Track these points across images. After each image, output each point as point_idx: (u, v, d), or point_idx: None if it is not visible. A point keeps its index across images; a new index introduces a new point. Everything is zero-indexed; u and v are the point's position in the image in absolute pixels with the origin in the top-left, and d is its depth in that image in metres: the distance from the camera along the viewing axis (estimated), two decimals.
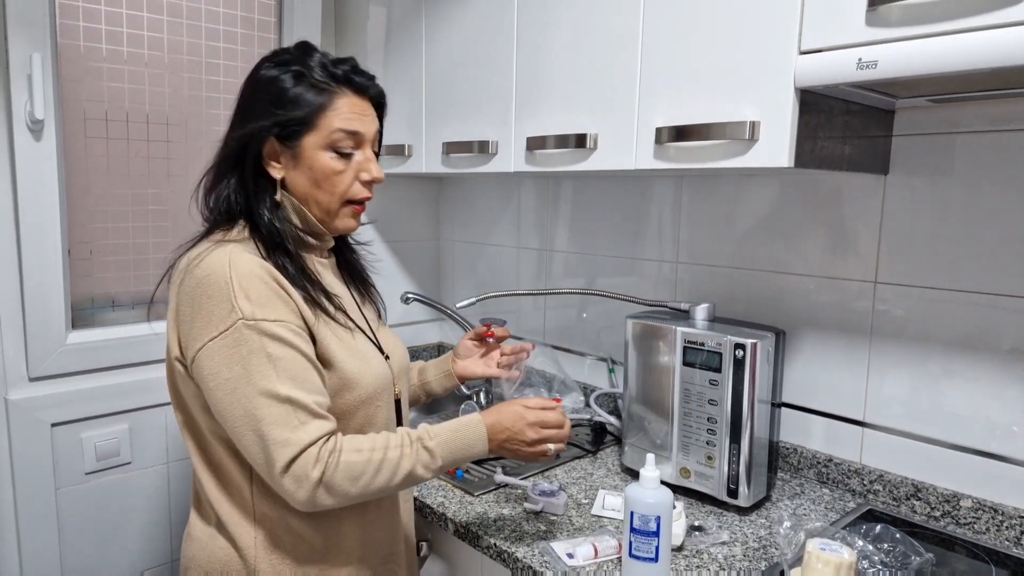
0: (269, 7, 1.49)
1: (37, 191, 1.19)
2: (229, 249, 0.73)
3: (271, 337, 0.71)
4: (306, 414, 0.71)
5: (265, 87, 0.77)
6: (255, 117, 0.77)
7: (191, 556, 0.82)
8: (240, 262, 0.72)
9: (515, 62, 1.19)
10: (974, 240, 0.95)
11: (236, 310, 0.70)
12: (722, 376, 0.98)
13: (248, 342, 0.70)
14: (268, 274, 0.73)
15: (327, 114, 0.77)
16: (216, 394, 0.71)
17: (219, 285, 0.71)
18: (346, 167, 0.80)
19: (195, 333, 0.72)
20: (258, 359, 0.70)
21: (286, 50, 0.80)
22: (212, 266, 0.72)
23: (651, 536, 0.79)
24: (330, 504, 0.72)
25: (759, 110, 0.85)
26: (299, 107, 0.76)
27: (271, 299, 0.72)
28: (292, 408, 0.70)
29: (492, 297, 1.37)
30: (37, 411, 1.23)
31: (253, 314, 0.70)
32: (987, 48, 0.66)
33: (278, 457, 0.69)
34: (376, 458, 0.73)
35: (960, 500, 0.97)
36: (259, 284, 0.72)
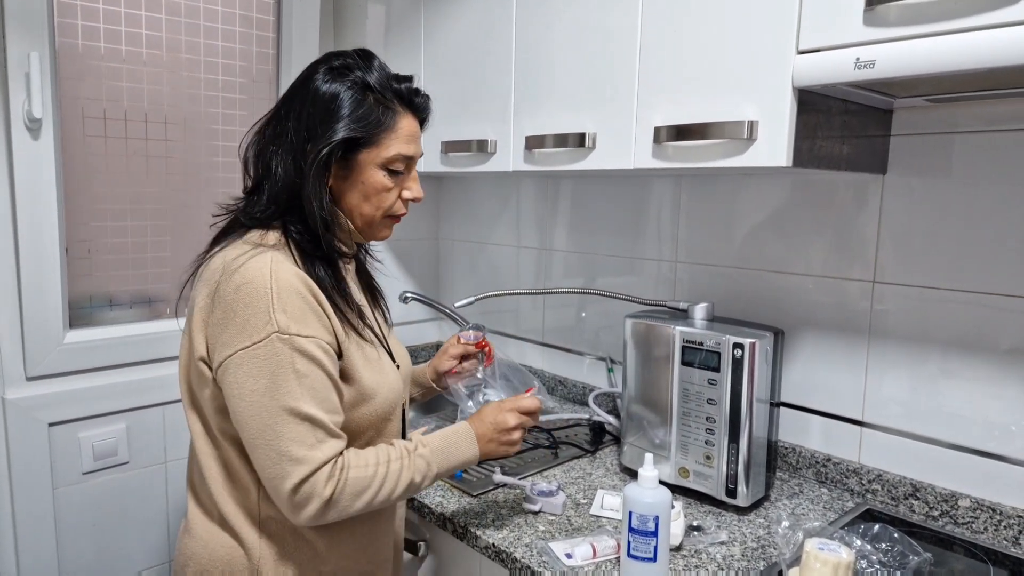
0: (268, 6, 1.49)
1: (35, 190, 1.19)
2: (270, 257, 0.73)
3: (301, 353, 0.71)
4: (324, 433, 0.72)
5: (331, 98, 0.76)
6: (324, 127, 0.75)
7: (190, 553, 0.82)
8: (281, 273, 0.72)
9: (514, 61, 1.19)
10: (972, 240, 0.95)
11: (272, 322, 0.70)
12: (721, 376, 0.98)
13: (278, 356, 0.70)
14: (307, 287, 0.73)
15: (389, 135, 0.78)
16: (240, 403, 0.71)
17: (258, 294, 0.71)
18: (395, 185, 0.81)
19: (226, 339, 0.72)
20: (286, 374, 0.70)
21: (348, 58, 0.79)
22: (253, 273, 0.72)
23: (649, 536, 0.79)
24: (331, 519, 0.74)
25: (757, 109, 0.85)
26: (367, 124, 0.77)
27: (306, 314, 0.72)
28: (311, 427, 0.71)
29: (491, 296, 1.37)
30: (34, 410, 1.23)
31: (288, 328, 0.71)
32: (984, 48, 0.66)
33: (292, 473, 0.70)
34: (380, 472, 0.75)
35: (958, 500, 0.97)
36: (297, 298, 0.72)
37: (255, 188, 0.81)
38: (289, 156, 0.77)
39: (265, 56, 1.50)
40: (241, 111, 1.48)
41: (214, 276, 0.75)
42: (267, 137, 0.80)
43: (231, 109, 1.46)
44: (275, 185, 0.78)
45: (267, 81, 1.51)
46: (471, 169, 1.30)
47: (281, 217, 0.78)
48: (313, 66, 0.80)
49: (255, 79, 1.49)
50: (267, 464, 0.71)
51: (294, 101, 0.79)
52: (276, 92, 1.52)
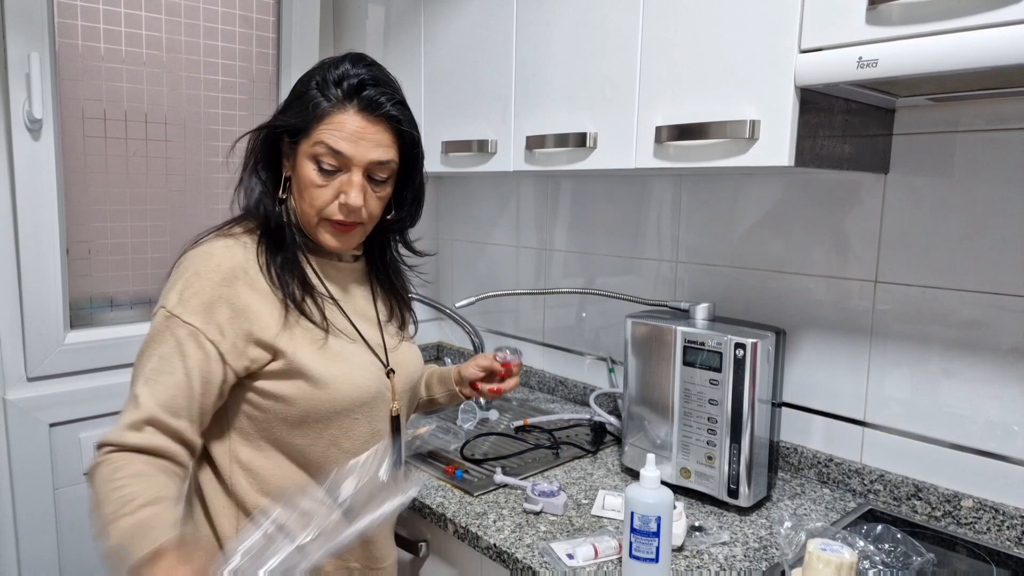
0: (268, 6, 1.48)
1: (35, 191, 1.19)
2: (220, 243, 0.77)
3: (173, 337, 0.73)
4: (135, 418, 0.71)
5: (295, 87, 0.80)
6: (278, 113, 0.80)
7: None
8: (212, 257, 0.75)
9: (514, 61, 1.18)
10: (974, 239, 0.95)
11: (170, 299, 0.74)
12: (722, 376, 0.98)
13: (156, 328, 0.74)
14: (230, 276, 0.75)
15: (319, 126, 0.76)
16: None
17: (180, 273, 0.76)
18: (327, 183, 0.77)
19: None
20: (152, 348, 0.73)
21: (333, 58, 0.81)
22: (193, 256, 0.77)
23: (651, 536, 0.79)
24: None
25: (759, 109, 0.85)
26: (301, 112, 0.77)
27: (205, 303, 0.73)
28: (134, 407, 0.72)
29: (491, 297, 1.37)
30: (35, 411, 1.23)
31: (174, 308, 0.73)
32: (987, 47, 0.66)
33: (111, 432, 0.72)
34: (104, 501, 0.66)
35: (961, 500, 0.97)
36: (209, 285, 0.74)
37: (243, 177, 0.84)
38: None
39: (265, 56, 1.50)
40: (241, 111, 1.48)
41: None
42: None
43: (231, 110, 1.46)
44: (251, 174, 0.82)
45: (267, 82, 1.51)
46: (471, 169, 1.30)
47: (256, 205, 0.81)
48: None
49: (255, 80, 1.49)
50: None
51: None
52: (276, 92, 1.52)
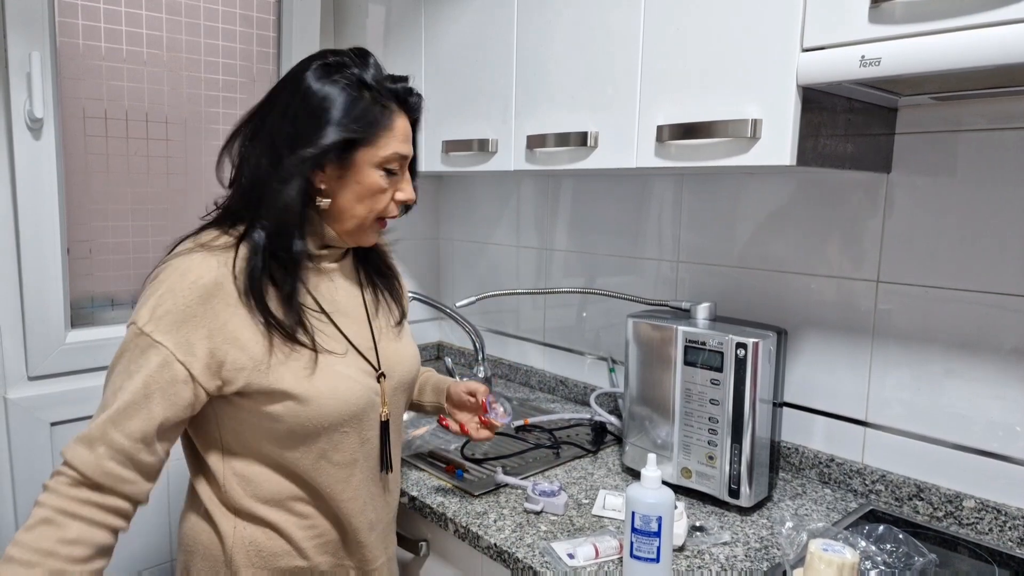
0: (268, 5, 1.48)
1: (36, 190, 1.19)
2: (198, 256, 0.73)
3: (142, 355, 0.70)
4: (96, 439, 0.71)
5: (323, 97, 0.73)
6: (313, 127, 0.73)
7: (181, 535, 0.86)
8: (189, 272, 0.72)
9: (515, 60, 1.18)
10: (977, 239, 0.95)
11: (142, 316, 0.71)
12: (723, 376, 0.98)
13: (127, 345, 0.72)
14: (206, 295, 0.71)
15: (387, 134, 0.76)
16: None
17: (153, 289, 0.72)
18: (390, 186, 0.79)
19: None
20: (121, 365, 0.71)
21: (343, 56, 0.76)
22: (168, 271, 0.73)
23: (652, 536, 0.79)
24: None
25: (761, 108, 0.84)
26: (364, 123, 0.74)
27: (177, 322, 0.70)
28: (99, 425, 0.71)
29: (492, 296, 1.37)
30: (36, 410, 1.23)
31: (145, 326, 0.71)
32: (991, 45, 0.66)
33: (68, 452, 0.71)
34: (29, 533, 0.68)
35: (963, 500, 0.97)
36: (182, 302, 0.70)
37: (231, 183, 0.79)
38: (267, 153, 0.74)
39: (266, 56, 1.50)
40: (242, 111, 1.47)
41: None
42: (248, 132, 0.78)
43: (232, 109, 1.46)
44: (249, 181, 0.75)
45: (268, 81, 1.51)
46: (472, 169, 1.29)
47: (251, 215, 0.75)
48: (305, 62, 0.77)
49: (256, 79, 1.49)
50: None
51: (281, 96, 0.76)
52: None
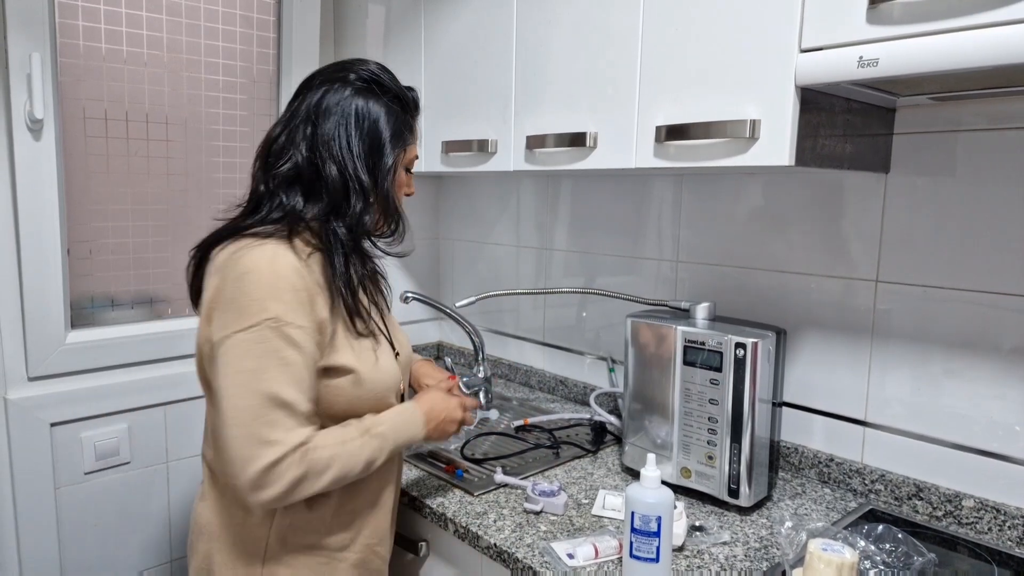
0: (268, 6, 1.49)
1: (36, 190, 1.19)
2: (272, 249, 0.78)
3: (289, 341, 0.75)
4: (298, 420, 0.76)
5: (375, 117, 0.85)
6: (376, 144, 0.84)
7: (204, 520, 0.87)
8: (280, 265, 0.77)
9: (514, 60, 1.18)
10: (976, 239, 0.95)
11: (267, 310, 0.74)
12: (723, 375, 0.98)
13: (268, 342, 0.74)
14: (300, 280, 0.77)
15: (413, 140, 0.91)
16: (225, 381, 0.75)
17: (259, 282, 0.75)
18: (408, 181, 0.94)
19: (225, 322, 0.76)
20: (273, 360, 0.74)
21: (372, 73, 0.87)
22: (256, 262, 0.76)
23: (652, 536, 0.79)
24: (295, 500, 0.77)
25: (759, 108, 0.85)
26: (403, 135, 0.88)
27: (299, 305, 0.76)
28: (288, 413, 0.75)
29: (491, 296, 1.37)
30: (36, 411, 1.23)
31: (280, 316, 0.75)
32: (989, 46, 0.66)
33: (262, 455, 0.73)
34: (338, 454, 0.78)
35: (962, 500, 0.97)
36: (291, 290, 0.76)
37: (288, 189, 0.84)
38: (339, 165, 0.82)
39: (265, 56, 1.50)
40: (242, 111, 1.48)
41: (220, 265, 0.79)
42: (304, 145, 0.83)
43: (232, 109, 1.46)
44: (330, 189, 0.83)
45: (268, 81, 1.51)
46: (471, 169, 1.30)
47: (326, 218, 0.83)
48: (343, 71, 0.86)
49: (256, 79, 1.49)
50: (237, 445, 0.73)
51: (330, 114, 0.84)
52: (277, 92, 1.52)
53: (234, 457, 0.74)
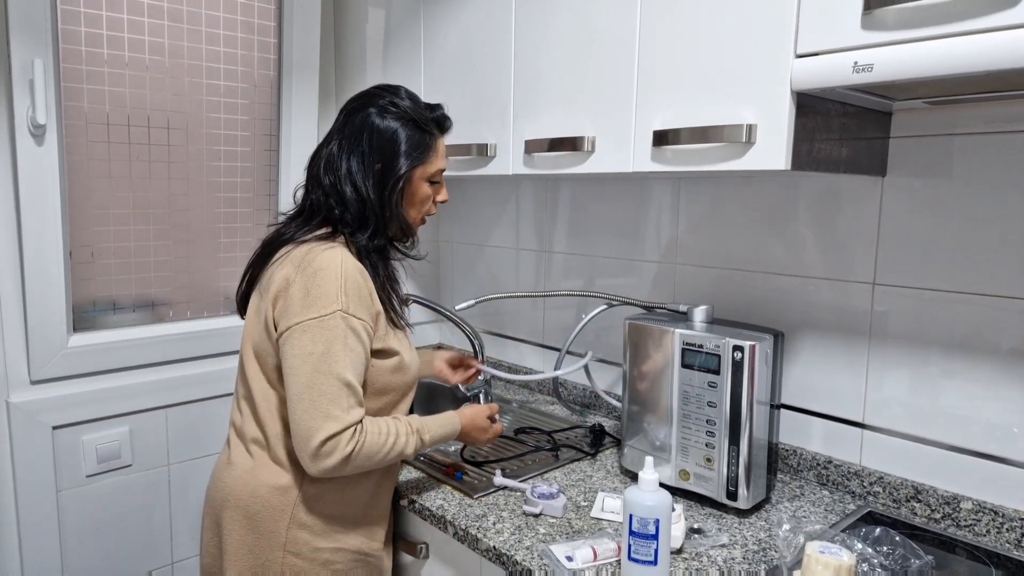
0: (269, 12, 1.50)
1: (39, 195, 1.20)
2: (341, 251, 0.91)
3: (353, 331, 0.88)
4: (355, 400, 0.88)
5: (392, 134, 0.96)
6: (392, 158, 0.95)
7: (229, 489, 0.95)
8: (349, 264, 0.90)
9: (513, 65, 1.19)
10: (972, 241, 0.95)
11: (339, 302, 0.87)
12: (721, 378, 0.99)
13: (337, 329, 0.86)
14: (364, 279, 0.91)
15: (433, 155, 1.00)
16: (296, 361, 0.87)
17: (332, 278, 0.88)
18: (433, 192, 1.03)
19: (297, 309, 0.87)
20: (339, 346, 0.86)
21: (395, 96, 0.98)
22: (329, 262, 0.89)
23: (650, 539, 0.79)
24: (345, 472, 0.88)
25: (756, 113, 0.85)
26: (421, 150, 0.97)
27: (361, 300, 0.90)
28: (348, 392, 0.87)
29: (491, 299, 1.38)
30: (38, 414, 1.24)
31: (348, 308, 0.88)
32: (983, 51, 0.66)
33: (324, 427, 0.85)
34: (390, 442, 0.91)
35: (960, 502, 0.97)
36: (356, 287, 0.89)
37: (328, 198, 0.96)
38: (369, 178, 0.95)
39: (266, 62, 1.51)
40: (243, 116, 1.49)
41: (296, 260, 0.91)
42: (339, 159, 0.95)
43: (233, 114, 1.47)
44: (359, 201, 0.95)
45: (269, 86, 1.52)
46: (471, 172, 1.30)
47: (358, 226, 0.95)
48: (367, 102, 0.98)
49: (257, 84, 1.50)
50: (305, 417, 0.85)
51: (360, 131, 0.96)
52: (278, 97, 1.53)
53: (300, 427, 0.85)
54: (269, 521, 0.93)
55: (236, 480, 0.95)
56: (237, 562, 0.94)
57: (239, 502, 0.94)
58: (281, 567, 0.93)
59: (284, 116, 1.52)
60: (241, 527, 0.94)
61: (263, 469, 0.94)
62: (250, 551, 0.93)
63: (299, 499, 0.93)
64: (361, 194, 0.94)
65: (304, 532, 0.93)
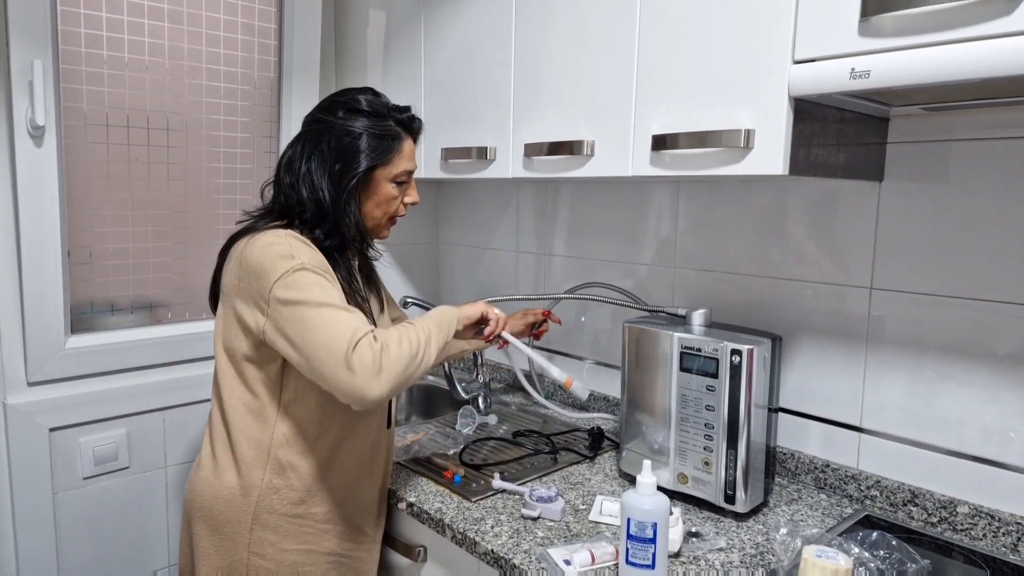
0: (270, 14, 1.50)
1: (37, 196, 1.20)
2: (286, 231, 0.91)
3: (325, 278, 0.88)
4: (360, 319, 0.86)
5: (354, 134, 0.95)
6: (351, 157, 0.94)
7: (197, 489, 0.96)
8: (297, 239, 0.90)
9: (513, 68, 1.19)
10: (969, 246, 0.96)
11: (295, 260, 0.87)
12: (719, 382, 0.99)
13: (307, 277, 0.86)
14: (316, 252, 0.91)
15: (397, 156, 0.98)
16: (290, 315, 0.85)
17: (282, 246, 0.88)
18: (400, 193, 1.01)
19: (264, 282, 0.87)
20: (318, 287, 0.86)
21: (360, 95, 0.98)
22: (274, 235, 0.89)
23: (648, 543, 0.79)
24: (390, 384, 0.83)
25: (754, 118, 0.86)
26: (381, 151, 0.96)
27: (319, 263, 0.89)
28: (348, 313, 0.86)
29: (490, 302, 1.37)
30: (35, 415, 1.23)
31: (309, 263, 0.87)
32: (979, 58, 0.67)
33: (339, 346, 0.81)
34: (409, 336, 0.88)
35: (957, 506, 0.97)
36: (309, 253, 0.89)
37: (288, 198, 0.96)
38: (324, 177, 0.95)
39: (267, 63, 1.51)
40: (243, 118, 1.49)
41: (240, 251, 0.91)
42: (299, 160, 0.96)
43: (233, 116, 1.47)
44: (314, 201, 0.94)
45: (269, 88, 1.52)
46: (471, 175, 1.30)
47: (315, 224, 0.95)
48: (331, 104, 0.98)
49: (257, 86, 1.50)
50: (322, 354, 0.82)
51: (326, 138, 0.96)
52: (278, 99, 1.53)
53: (323, 364, 0.82)
54: (232, 522, 0.93)
55: (202, 481, 0.96)
56: (205, 562, 0.95)
57: (204, 503, 0.95)
58: (247, 568, 0.93)
59: (284, 118, 1.52)
60: (207, 528, 0.95)
61: (226, 470, 0.94)
62: (216, 552, 0.94)
63: (260, 499, 0.93)
64: (317, 195, 0.94)
65: (268, 533, 0.93)
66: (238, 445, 0.94)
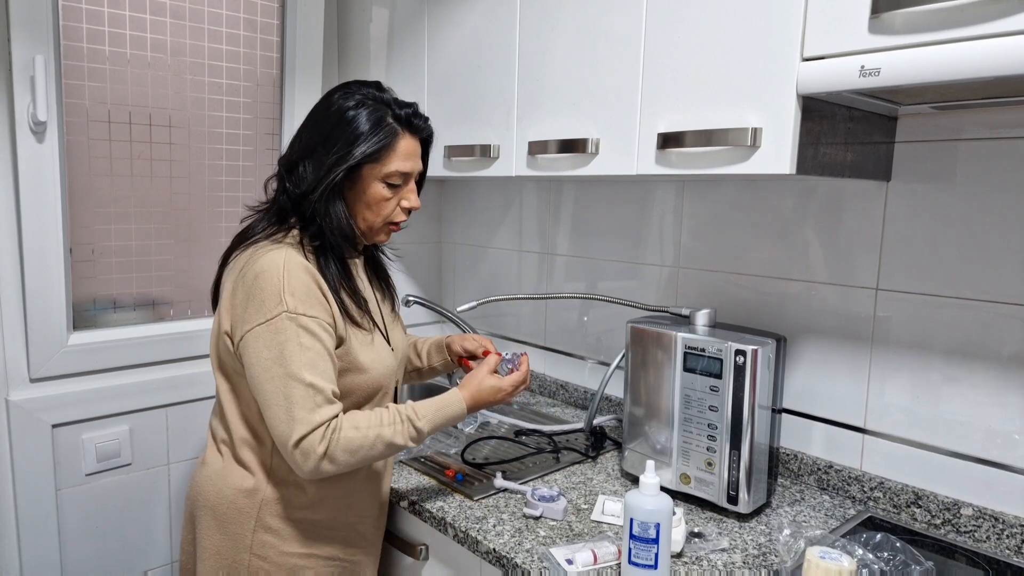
0: (272, 10, 1.49)
1: (39, 192, 1.19)
2: (284, 252, 0.88)
3: (305, 330, 0.85)
4: (321, 398, 0.85)
5: (346, 124, 0.90)
6: (342, 148, 0.89)
7: (200, 488, 0.96)
8: (292, 264, 0.86)
9: (517, 66, 1.19)
10: (976, 247, 0.95)
11: (283, 303, 0.84)
12: (723, 382, 0.98)
13: (286, 331, 0.84)
14: (312, 278, 0.87)
15: (390, 154, 0.92)
16: (255, 369, 0.85)
17: (272, 280, 0.85)
18: (393, 195, 0.95)
19: (246, 317, 0.86)
20: (292, 347, 0.84)
21: (363, 87, 0.94)
22: (269, 264, 0.86)
23: (650, 543, 0.79)
24: (331, 472, 0.85)
25: (761, 117, 0.85)
26: (371, 145, 0.90)
27: (311, 298, 0.86)
28: (312, 392, 0.84)
29: (493, 301, 1.37)
30: (38, 412, 1.23)
31: (295, 308, 0.85)
32: (990, 56, 0.66)
33: (294, 431, 0.83)
34: (371, 435, 0.87)
35: (961, 508, 0.97)
36: (303, 286, 0.86)
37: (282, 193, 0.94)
38: (309, 171, 0.91)
39: (269, 60, 1.51)
40: (245, 114, 1.48)
41: (239, 267, 0.89)
42: (296, 151, 0.93)
43: (235, 112, 1.47)
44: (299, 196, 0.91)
45: (271, 84, 1.51)
46: (474, 174, 1.30)
47: (300, 219, 0.92)
48: (331, 92, 0.94)
49: (259, 83, 1.50)
50: (276, 423, 0.84)
51: (319, 123, 0.92)
52: (280, 95, 1.52)
53: (275, 435, 0.84)
54: (235, 523, 0.92)
55: (206, 480, 0.95)
56: (207, 561, 0.94)
57: (207, 502, 0.94)
58: (248, 569, 0.92)
59: (287, 115, 1.52)
60: (210, 527, 0.94)
61: (230, 470, 0.93)
62: (218, 551, 0.93)
63: (264, 503, 0.92)
64: (301, 188, 0.90)
65: (270, 536, 0.92)
66: (241, 450, 0.93)
